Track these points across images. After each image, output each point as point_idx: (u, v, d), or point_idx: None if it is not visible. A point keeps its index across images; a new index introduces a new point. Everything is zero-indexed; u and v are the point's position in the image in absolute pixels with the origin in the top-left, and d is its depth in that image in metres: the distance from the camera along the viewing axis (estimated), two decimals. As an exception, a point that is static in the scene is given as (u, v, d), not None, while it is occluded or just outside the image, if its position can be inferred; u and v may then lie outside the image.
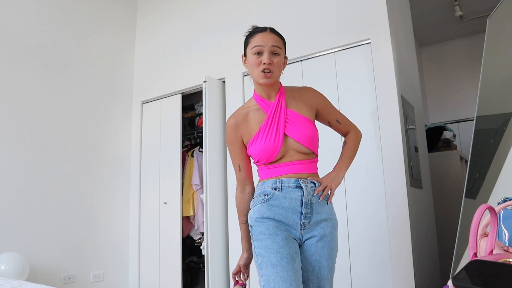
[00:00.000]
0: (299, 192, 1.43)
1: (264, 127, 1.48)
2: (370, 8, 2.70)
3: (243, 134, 1.54)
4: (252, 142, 1.50)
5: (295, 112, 1.51)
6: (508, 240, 1.43)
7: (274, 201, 1.43)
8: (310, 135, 1.47)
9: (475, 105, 2.02)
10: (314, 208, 1.44)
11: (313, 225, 1.43)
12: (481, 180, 1.90)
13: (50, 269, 3.10)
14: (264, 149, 1.46)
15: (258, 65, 1.47)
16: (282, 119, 1.48)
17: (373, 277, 2.45)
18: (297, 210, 1.42)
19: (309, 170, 1.49)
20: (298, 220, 1.42)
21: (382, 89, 2.58)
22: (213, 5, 3.61)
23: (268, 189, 1.46)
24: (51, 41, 3.37)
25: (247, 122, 1.54)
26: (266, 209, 1.43)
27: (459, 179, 3.44)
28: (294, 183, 1.44)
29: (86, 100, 3.59)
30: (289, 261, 1.33)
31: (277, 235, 1.38)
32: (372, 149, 2.57)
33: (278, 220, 1.42)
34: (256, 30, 1.54)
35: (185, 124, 4.27)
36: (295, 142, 1.47)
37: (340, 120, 1.66)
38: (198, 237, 3.75)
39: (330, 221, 1.47)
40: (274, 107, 1.50)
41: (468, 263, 1.05)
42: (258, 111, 1.53)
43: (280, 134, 1.46)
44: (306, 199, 1.43)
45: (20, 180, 3.02)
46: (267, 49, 1.47)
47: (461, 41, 5.54)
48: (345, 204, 2.61)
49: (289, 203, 1.42)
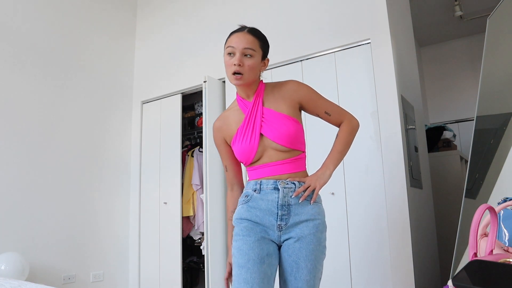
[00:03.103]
0: (276, 194, 1.41)
1: (242, 128, 1.47)
2: (370, 8, 2.70)
3: (225, 136, 1.54)
4: (233, 144, 1.50)
5: (272, 110, 1.46)
6: (508, 240, 1.43)
7: (252, 203, 1.43)
8: (287, 132, 1.41)
9: (475, 105, 2.02)
10: (292, 210, 1.41)
11: (290, 227, 1.41)
12: (481, 180, 1.90)
13: (50, 269, 3.10)
14: (241, 151, 1.45)
15: (229, 66, 1.44)
16: (258, 119, 1.45)
17: (373, 277, 2.45)
18: (274, 212, 1.41)
19: (291, 169, 1.44)
20: (275, 222, 1.41)
21: (382, 89, 2.58)
22: (213, 5, 3.61)
23: (249, 191, 1.47)
24: (51, 42, 3.37)
25: (228, 123, 1.53)
26: (245, 210, 1.44)
27: (459, 179, 3.44)
28: (272, 185, 1.42)
29: (86, 100, 3.59)
30: (256, 263, 1.34)
31: (249, 237, 1.39)
32: (372, 149, 2.57)
33: (255, 221, 1.42)
34: (234, 30, 1.51)
35: (185, 124, 4.27)
36: (272, 141, 1.43)
37: (330, 111, 1.55)
38: (198, 237, 3.75)
39: (311, 222, 1.42)
40: (251, 107, 1.47)
41: (468, 263, 1.05)
42: (238, 111, 1.52)
43: (255, 135, 1.43)
44: (283, 201, 1.40)
45: (20, 180, 3.02)
46: (238, 50, 1.42)
47: (461, 41, 5.54)
48: (345, 204, 2.61)
49: (265, 205, 1.41)
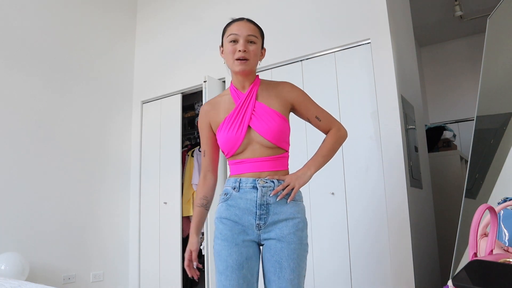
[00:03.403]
0: (254, 193, 1.41)
1: (230, 117, 1.46)
2: (370, 8, 2.70)
3: (211, 121, 1.54)
4: (218, 132, 1.49)
5: (264, 105, 1.47)
6: (508, 240, 1.43)
7: (231, 201, 1.44)
8: (275, 129, 1.43)
9: (475, 105, 2.02)
10: (270, 209, 1.41)
11: (269, 226, 1.41)
12: (481, 180, 1.90)
13: (50, 269, 3.10)
14: (226, 139, 1.45)
15: (233, 53, 1.46)
16: (249, 111, 1.46)
17: (373, 277, 2.45)
18: (252, 211, 1.41)
19: (272, 167, 1.45)
20: (253, 221, 1.41)
21: (382, 89, 2.58)
22: (213, 5, 3.61)
23: (228, 188, 1.47)
24: (52, 42, 3.37)
25: (217, 109, 1.53)
26: (224, 209, 1.44)
27: (459, 179, 3.44)
28: (251, 183, 1.42)
29: (86, 100, 3.59)
30: (234, 270, 1.36)
31: (227, 241, 1.40)
32: (372, 149, 2.57)
33: (234, 220, 1.42)
34: (234, 20, 1.54)
35: (185, 124, 4.27)
36: (259, 135, 1.43)
37: (321, 117, 1.56)
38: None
39: (291, 221, 1.41)
40: (244, 98, 1.48)
41: (468, 263, 1.05)
42: (229, 100, 1.52)
43: (244, 126, 1.44)
44: (261, 201, 1.40)
45: (20, 180, 3.02)
46: (242, 37, 1.46)
47: (461, 41, 5.54)
48: (345, 204, 2.61)
49: (244, 204, 1.41)
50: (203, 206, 1.56)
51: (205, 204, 1.57)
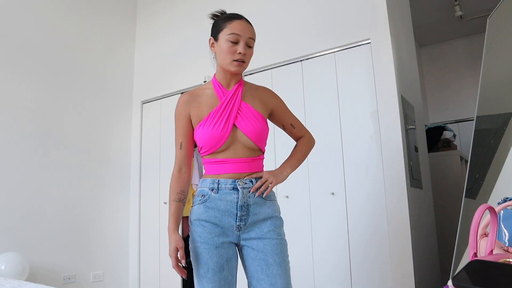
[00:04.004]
0: (235, 194, 1.40)
1: (215, 113, 1.43)
2: (370, 8, 2.70)
3: (191, 114, 1.48)
4: (200, 126, 1.44)
5: (249, 105, 1.48)
6: (508, 240, 1.43)
7: (210, 203, 1.41)
8: (259, 130, 1.44)
9: (475, 105, 2.02)
10: (250, 210, 1.41)
11: (249, 226, 1.42)
12: (481, 180, 1.90)
13: (50, 269, 3.10)
14: (210, 136, 1.41)
15: (232, 53, 1.44)
16: (234, 109, 1.44)
17: (373, 277, 2.45)
18: (233, 212, 1.40)
19: (250, 169, 1.45)
20: (234, 223, 1.40)
21: (382, 89, 2.58)
22: (213, 6, 3.60)
23: (205, 189, 1.44)
24: (52, 42, 3.37)
25: (199, 103, 1.48)
26: (202, 211, 1.41)
27: (459, 179, 3.44)
28: (231, 185, 1.40)
29: (86, 100, 3.59)
30: (216, 272, 1.36)
31: (207, 244, 1.38)
32: (372, 149, 2.57)
33: (214, 222, 1.40)
34: (232, 16, 1.51)
35: (185, 124, 4.27)
36: (243, 134, 1.43)
37: (295, 125, 1.62)
38: (198, 237, 3.75)
39: (269, 220, 1.44)
40: (229, 96, 1.46)
41: (468, 263, 1.05)
42: (212, 96, 1.49)
43: (229, 124, 1.42)
44: (242, 202, 1.40)
45: (20, 180, 3.02)
46: (244, 39, 1.45)
47: (461, 41, 5.54)
48: (345, 204, 2.61)
49: (224, 206, 1.40)
50: (181, 201, 1.48)
51: (182, 199, 1.49)
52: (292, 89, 2.95)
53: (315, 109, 2.80)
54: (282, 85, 3.01)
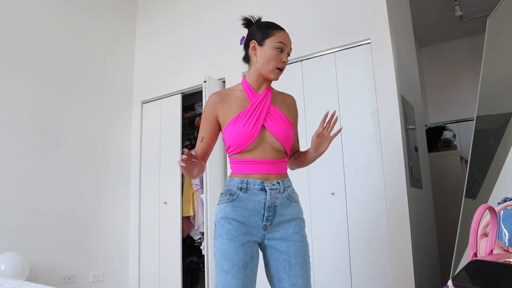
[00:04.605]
0: (263, 195, 1.45)
1: (245, 113, 1.49)
2: (370, 8, 2.70)
3: (219, 113, 1.53)
4: (229, 125, 1.49)
5: (277, 109, 1.54)
6: (508, 240, 1.43)
7: (238, 202, 1.45)
8: (287, 132, 1.51)
9: (475, 105, 2.02)
10: (277, 211, 1.46)
11: (274, 226, 1.47)
12: (481, 180, 1.90)
13: (50, 269, 3.10)
14: (240, 134, 1.46)
15: (277, 60, 1.51)
16: (264, 111, 1.50)
17: (373, 277, 2.45)
18: (260, 212, 1.45)
19: (278, 170, 1.50)
20: (260, 222, 1.45)
21: (382, 89, 2.58)
22: (213, 6, 3.61)
23: (234, 188, 1.47)
24: (52, 42, 3.37)
25: (228, 102, 1.54)
26: (230, 210, 1.45)
27: (459, 179, 3.44)
28: (259, 185, 1.45)
29: (86, 100, 3.59)
30: (240, 269, 1.39)
31: (234, 241, 1.42)
32: (372, 149, 2.57)
33: (241, 221, 1.44)
34: (277, 25, 1.58)
35: (185, 124, 4.27)
36: (271, 135, 1.49)
37: (297, 138, 1.71)
38: (198, 237, 3.75)
39: (294, 221, 1.49)
40: (260, 99, 1.53)
41: (468, 263, 1.05)
42: (242, 97, 1.55)
43: (259, 124, 1.48)
44: (269, 203, 1.45)
45: (20, 180, 3.02)
46: (287, 49, 1.54)
47: (461, 41, 5.54)
48: (345, 204, 2.61)
49: (252, 206, 1.45)
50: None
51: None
52: (292, 89, 2.92)
53: (315, 109, 2.80)
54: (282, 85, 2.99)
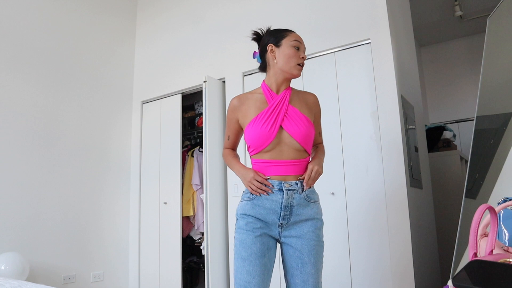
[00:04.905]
0: (280, 195, 1.52)
1: (263, 115, 1.55)
2: (370, 8, 2.70)
3: (239, 116, 1.64)
4: (249, 126, 1.57)
5: (296, 109, 1.59)
6: (508, 240, 1.43)
7: (257, 201, 1.54)
8: (305, 132, 1.55)
9: (475, 105, 2.02)
10: (294, 210, 1.53)
11: (291, 225, 1.54)
12: (481, 180, 1.90)
13: (50, 269, 3.10)
14: (258, 135, 1.53)
15: (296, 58, 1.60)
16: (282, 112, 1.56)
17: (373, 277, 2.45)
18: (277, 211, 1.52)
19: (297, 171, 1.56)
20: (277, 220, 1.53)
21: (382, 89, 2.58)
22: (213, 6, 3.61)
23: None
24: (52, 42, 3.37)
25: (247, 105, 1.63)
26: (249, 207, 1.55)
27: (459, 179, 3.44)
28: (277, 186, 1.52)
29: (87, 100, 3.59)
30: (258, 257, 1.48)
31: (252, 232, 1.51)
32: (372, 149, 2.57)
33: (259, 218, 1.53)
34: (288, 29, 1.69)
35: (185, 124, 4.27)
36: (289, 135, 1.54)
37: (320, 133, 1.79)
38: (198, 237, 3.75)
39: (310, 221, 1.55)
40: (278, 100, 1.58)
41: (468, 263, 1.05)
42: (261, 99, 1.62)
43: (276, 125, 1.54)
44: (286, 203, 1.51)
45: (20, 181, 3.02)
46: (302, 47, 1.64)
47: (461, 41, 5.54)
48: (345, 204, 2.61)
49: (270, 205, 1.52)
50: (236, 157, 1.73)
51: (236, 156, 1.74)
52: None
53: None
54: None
